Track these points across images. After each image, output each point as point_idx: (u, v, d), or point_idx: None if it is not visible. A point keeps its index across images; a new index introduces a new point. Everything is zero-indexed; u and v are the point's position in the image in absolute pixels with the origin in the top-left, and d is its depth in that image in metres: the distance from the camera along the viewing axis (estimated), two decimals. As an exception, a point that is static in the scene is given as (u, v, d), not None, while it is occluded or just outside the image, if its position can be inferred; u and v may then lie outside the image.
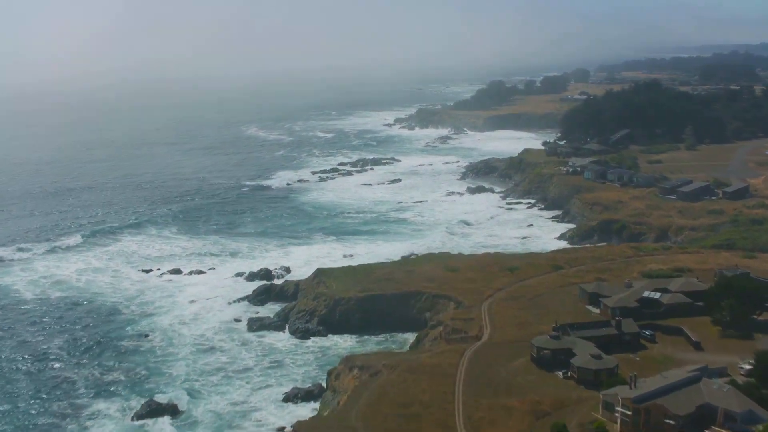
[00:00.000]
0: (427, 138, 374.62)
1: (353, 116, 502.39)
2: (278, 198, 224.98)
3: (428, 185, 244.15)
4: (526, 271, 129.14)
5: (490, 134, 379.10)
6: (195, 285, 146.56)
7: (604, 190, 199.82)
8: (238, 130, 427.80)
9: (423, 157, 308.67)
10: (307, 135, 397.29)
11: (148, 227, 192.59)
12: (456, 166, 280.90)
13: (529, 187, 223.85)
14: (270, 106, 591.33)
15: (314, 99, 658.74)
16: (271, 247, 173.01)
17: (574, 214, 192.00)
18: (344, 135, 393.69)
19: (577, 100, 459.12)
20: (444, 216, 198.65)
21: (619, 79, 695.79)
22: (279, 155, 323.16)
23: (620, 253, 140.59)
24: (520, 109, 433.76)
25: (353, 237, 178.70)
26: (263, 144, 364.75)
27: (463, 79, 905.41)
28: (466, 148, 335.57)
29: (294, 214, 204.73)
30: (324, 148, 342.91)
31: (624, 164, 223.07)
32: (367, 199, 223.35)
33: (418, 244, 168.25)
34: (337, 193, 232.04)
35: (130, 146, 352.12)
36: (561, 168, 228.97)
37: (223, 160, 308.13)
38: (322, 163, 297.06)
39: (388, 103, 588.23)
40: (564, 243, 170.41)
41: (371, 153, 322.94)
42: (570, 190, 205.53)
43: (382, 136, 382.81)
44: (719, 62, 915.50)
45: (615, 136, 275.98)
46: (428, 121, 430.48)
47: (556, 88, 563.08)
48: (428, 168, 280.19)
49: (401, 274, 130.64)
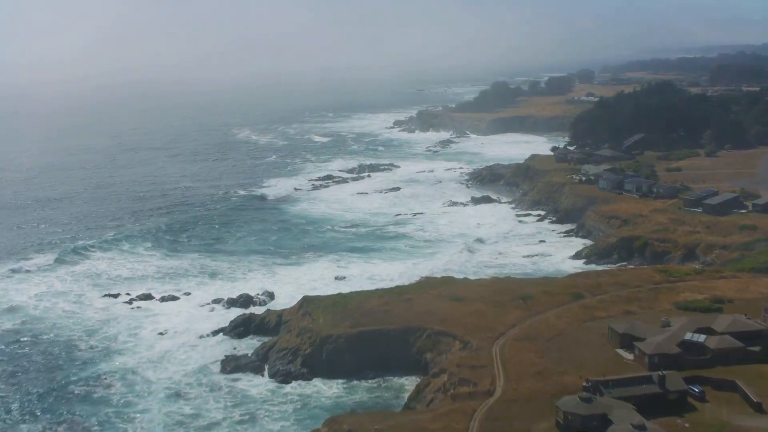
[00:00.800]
0: (428, 142, 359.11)
1: (351, 119, 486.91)
2: (266, 209, 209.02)
3: (429, 194, 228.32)
4: (542, 301, 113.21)
5: (494, 138, 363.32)
6: (166, 314, 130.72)
7: (621, 201, 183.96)
8: (229, 134, 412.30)
9: (423, 163, 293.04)
10: (302, 139, 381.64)
11: (122, 243, 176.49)
12: (458, 173, 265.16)
13: (538, 198, 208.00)
14: (265, 108, 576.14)
15: (311, 100, 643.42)
16: (254, 267, 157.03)
17: (589, 229, 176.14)
18: (341, 139, 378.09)
19: (585, 102, 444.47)
20: (448, 230, 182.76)
21: (624, 80, 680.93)
22: (271, 161, 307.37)
23: (647, 278, 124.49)
24: (525, 111, 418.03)
25: (346, 255, 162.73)
26: (255, 148, 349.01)
27: (464, 80, 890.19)
28: (469, 152, 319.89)
29: (282, 228, 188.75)
30: (319, 153, 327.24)
31: (641, 172, 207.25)
32: (362, 210, 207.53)
33: (420, 265, 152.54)
34: (331, 204, 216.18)
35: (115, 152, 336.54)
36: (573, 176, 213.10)
37: (210, 166, 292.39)
38: (317, 169, 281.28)
39: (387, 105, 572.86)
40: (580, 263, 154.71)
41: (369, 158, 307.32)
42: (584, 202, 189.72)
43: (380, 140, 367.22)
44: (726, 63, 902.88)
45: (628, 141, 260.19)
46: (429, 123, 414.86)
47: (561, 89, 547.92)
48: (429, 175, 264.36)
49: (398, 304, 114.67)
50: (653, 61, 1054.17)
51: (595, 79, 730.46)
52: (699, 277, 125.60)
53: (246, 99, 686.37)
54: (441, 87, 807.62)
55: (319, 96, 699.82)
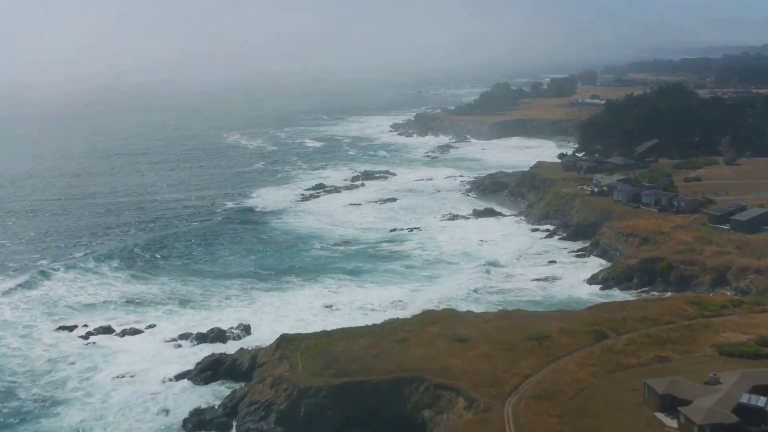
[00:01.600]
0: (426, 147, 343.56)
1: (346, 122, 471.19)
2: (249, 224, 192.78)
3: (427, 206, 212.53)
4: (559, 341, 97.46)
5: (495, 142, 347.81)
6: (126, 352, 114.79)
7: (639, 216, 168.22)
8: (218, 138, 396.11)
9: (421, 170, 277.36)
10: (294, 143, 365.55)
11: (88, 262, 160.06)
12: (459, 182, 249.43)
13: (546, 211, 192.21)
14: (258, 111, 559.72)
15: (306, 102, 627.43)
16: (232, 292, 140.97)
17: (604, 247, 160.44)
18: (335, 143, 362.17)
19: (590, 105, 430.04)
20: (449, 248, 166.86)
21: (628, 82, 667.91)
22: (259, 168, 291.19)
23: (678, 312, 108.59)
24: (528, 114, 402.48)
25: (335, 279, 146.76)
26: (243, 154, 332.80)
27: (464, 81, 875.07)
28: (470, 158, 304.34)
29: (265, 246, 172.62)
30: (311, 159, 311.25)
31: (658, 183, 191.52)
32: (355, 224, 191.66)
33: (418, 292, 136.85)
34: (321, 217, 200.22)
35: (93, 158, 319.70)
36: (584, 187, 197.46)
37: (194, 174, 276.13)
38: (308, 177, 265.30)
39: (384, 108, 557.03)
40: (596, 288, 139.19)
41: (363, 164, 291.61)
42: (597, 216, 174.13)
43: (376, 145, 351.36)
44: (729, 63, 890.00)
45: (641, 148, 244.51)
46: (427, 127, 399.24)
47: (564, 91, 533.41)
48: (427, 184, 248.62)
49: (392, 345, 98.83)
50: (655, 62, 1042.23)
51: (597, 81, 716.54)
52: (738, 310, 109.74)
53: (239, 101, 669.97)
54: (440, 88, 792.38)
55: (315, 97, 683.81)
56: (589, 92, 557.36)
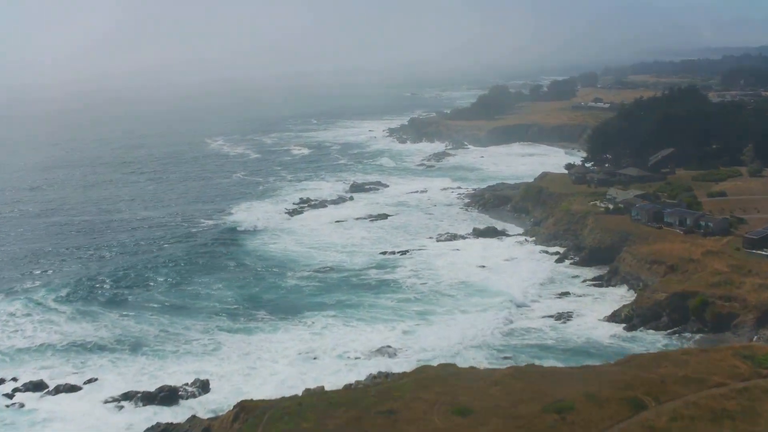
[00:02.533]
0: (421, 154, 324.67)
1: (337, 126, 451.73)
2: (222, 246, 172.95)
3: (422, 224, 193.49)
4: (586, 413, 78.34)
5: (494, 150, 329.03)
6: (56, 417, 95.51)
7: (662, 238, 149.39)
8: (200, 144, 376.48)
9: (415, 181, 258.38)
10: (279, 151, 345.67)
11: (31, 293, 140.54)
12: (456, 195, 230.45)
13: (555, 230, 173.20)
14: (245, 115, 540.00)
15: (295, 106, 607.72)
16: (193, 335, 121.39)
17: (625, 276, 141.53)
18: (323, 150, 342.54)
19: (593, 109, 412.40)
20: (447, 276, 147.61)
21: (630, 84, 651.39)
22: (239, 179, 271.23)
23: (728, 369, 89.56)
24: (528, 118, 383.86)
25: (314, 316, 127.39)
26: (224, 162, 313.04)
27: (460, 83, 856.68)
28: (467, 167, 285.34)
29: (238, 274, 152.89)
30: (296, 168, 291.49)
31: (680, 199, 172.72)
32: (340, 247, 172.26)
33: (410, 335, 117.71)
34: (302, 238, 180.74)
35: (63, 168, 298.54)
36: (597, 203, 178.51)
37: (168, 187, 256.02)
38: (290, 189, 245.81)
39: (377, 111, 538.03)
40: (620, 329, 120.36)
41: (352, 174, 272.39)
42: (615, 238, 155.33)
43: (367, 153, 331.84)
44: (732, 65, 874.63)
45: (655, 158, 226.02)
46: (422, 133, 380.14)
47: (565, 94, 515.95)
48: (422, 197, 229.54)
49: (376, 420, 79.44)
50: (656, 64, 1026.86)
51: (598, 83, 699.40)
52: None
53: (227, 104, 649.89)
54: (435, 91, 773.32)
55: (305, 101, 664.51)
56: (591, 95, 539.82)
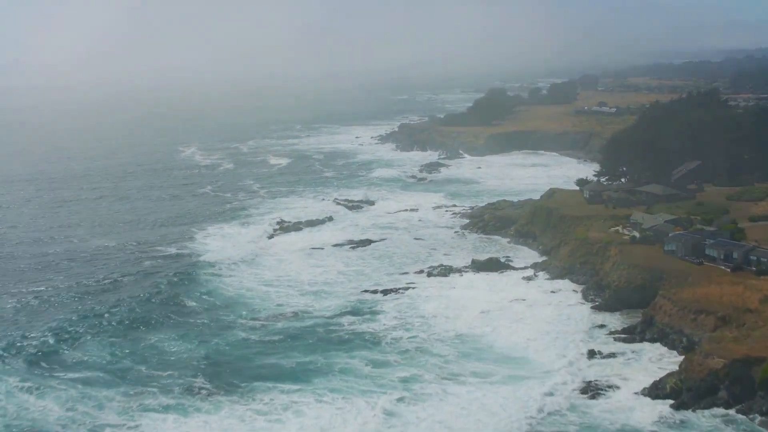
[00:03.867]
0: (412, 164, 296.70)
1: (321, 133, 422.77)
2: (169, 284, 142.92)
3: (411, 253, 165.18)
4: None
5: (493, 159, 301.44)
6: None
7: (706, 278, 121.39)
8: (171, 153, 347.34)
9: (404, 197, 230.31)
10: (255, 161, 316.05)
11: None
12: (450, 215, 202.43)
13: (570, 263, 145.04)
14: (226, 120, 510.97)
15: (280, 110, 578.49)
16: (104, 418, 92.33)
17: (663, 329, 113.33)
18: (304, 161, 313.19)
19: (597, 113, 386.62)
20: (440, 326, 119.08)
21: (632, 87, 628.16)
22: (206, 194, 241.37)
23: None
24: (529, 124, 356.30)
25: (264, 392, 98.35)
26: (193, 174, 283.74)
27: (454, 86, 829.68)
28: (463, 180, 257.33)
29: (177, 325, 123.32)
30: (271, 182, 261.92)
31: (718, 225, 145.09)
32: (309, 284, 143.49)
33: (391, 419, 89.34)
34: (266, 272, 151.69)
35: (14, 188, 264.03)
36: (619, 230, 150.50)
37: (125, 206, 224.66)
38: (263, 208, 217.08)
39: (366, 116, 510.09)
40: (664, 407, 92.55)
41: (335, 189, 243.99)
42: (646, 276, 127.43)
43: (352, 163, 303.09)
44: (733, 67, 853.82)
45: (679, 172, 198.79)
46: (413, 140, 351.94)
47: (565, 97, 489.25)
48: (411, 217, 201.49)
49: None
50: (656, 66, 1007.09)
51: (599, 85, 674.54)
52: None
53: (209, 109, 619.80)
54: (428, 93, 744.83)
55: (292, 105, 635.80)
56: (593, 98, 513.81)
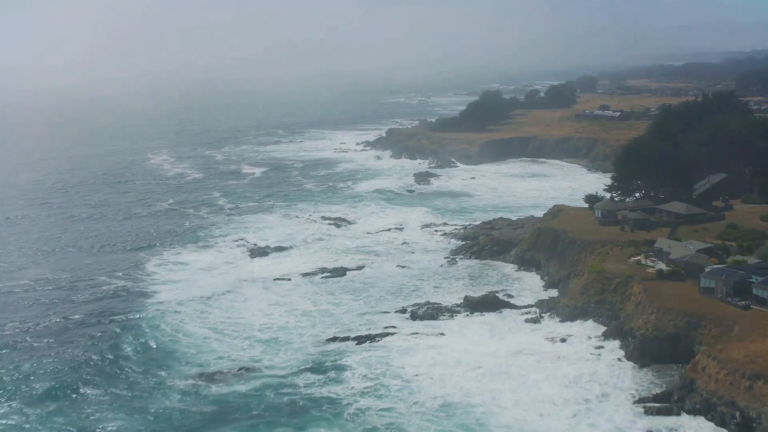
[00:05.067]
0: (399, 173, 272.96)
1: (304, 138, 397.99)
2: (98, 334, 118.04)
3: (393, 284, 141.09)
4: None
5: (488, 169, 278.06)
6: None
7: (758, 328, 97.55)
8: (140, 160, 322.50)
9: (389, 212, 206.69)
10: (227, 170, 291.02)
11: None
12: (440, 235, 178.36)
13: (583, 302, 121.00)
14: (205, 125, 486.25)
15: (263, 114, 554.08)
16: None
17: (707, 398, 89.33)
18: (281, 171, 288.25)
19: (600, 118, 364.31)
20: (422, 389, 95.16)
21: (633, 90, 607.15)
22: (164, 209, 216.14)
23: None
24: (527, 130, 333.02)
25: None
26: (156, 186, 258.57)
27: (447, 88, 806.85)
28: (455, 193, 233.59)
29: (109, 387, 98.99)
30: (240, 196, 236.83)
31: (762, 255, 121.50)
32: (264, 330, 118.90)
33: None
34: (216, 313, 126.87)
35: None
36: (641, 260, 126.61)
37: (72, 226, 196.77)
38: (227, 227, 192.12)
39: (354, 120, 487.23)
40: None
41: (312, 204, 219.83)
42: (680, 323, 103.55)
43: (334, 174, 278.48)
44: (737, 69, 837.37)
45: (702, 186, 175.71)
46: (402, 147, 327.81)
47: (564, 100, 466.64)
48: (396, 238, 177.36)
49: None
50: (655, 67, 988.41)
51: (598, 87, 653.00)
52: None
53: (190, 113, 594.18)
54: (419, 96, 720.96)
55: (276, 109, 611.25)
56: (593, 101, 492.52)
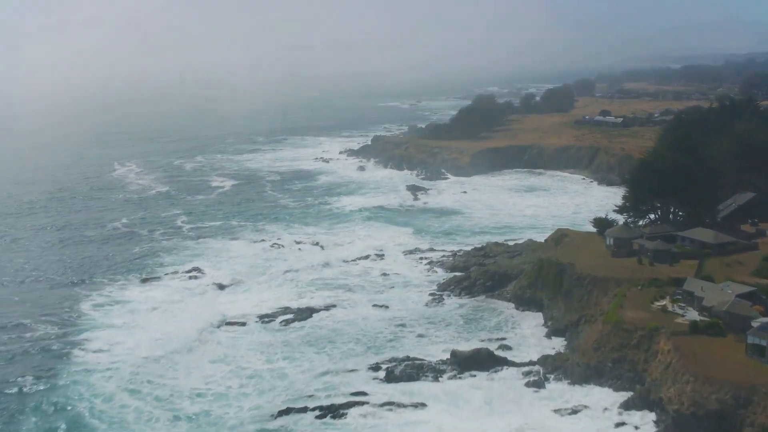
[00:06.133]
0: (384, 187, 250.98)
1: (285, 146, 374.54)
2: (11, 393, 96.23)
3: (366, 331, 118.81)
4: None
5: (481, 181, 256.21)
6: None
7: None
8: (104, 171, 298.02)
9: (369, 232, 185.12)
10: (194, 183, 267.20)
11: None
12: (425, 265, 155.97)
13: (597, 360, 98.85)
14: (183, 129, 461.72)
15: (250, 117, 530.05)
16: None
17: None
18: (253, 183, 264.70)
19: (602, 124, 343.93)
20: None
21: (632, 93, 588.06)
22: (116, 231, 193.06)
23: None
24: (524, 138, 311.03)
25: None
26: (113, 201, 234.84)
27: (438, 92, 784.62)
28: (445, 210, 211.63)
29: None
30: (204, 214, 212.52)
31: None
32: (194, 400, 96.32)
33: None
34: (141, 372, 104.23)
35: None
36: (669, 306, 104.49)
37: (7, 256, 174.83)
38: (183, 254, 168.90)
39: (340, 125, 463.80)
40: None
41: (282, 225, 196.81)
42: (724, 398, 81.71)
43: (312, 187, 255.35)
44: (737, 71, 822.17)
45: (726, 207, 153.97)
46: (388, 156, 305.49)
47: (562, 105, 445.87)
48: (373, 268, 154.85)
49: None
50: (653, 70, 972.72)
51: (596, 91, 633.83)
52: None
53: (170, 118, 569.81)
54: (409, 100, 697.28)
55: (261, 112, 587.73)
56: (591, 105, 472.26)
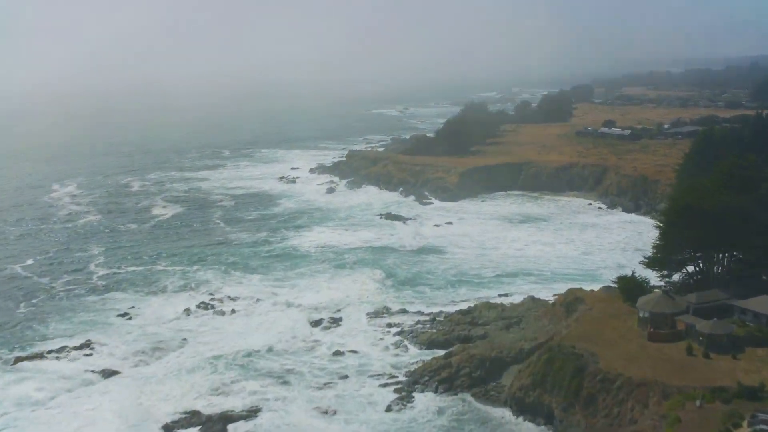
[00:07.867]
0: (355, 216, 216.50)
1: (250, 160, 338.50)
2: None
3: None
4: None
5: (469, 207, 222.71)
6: None
7: None
8: (39, 193, 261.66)
9: (327, 285, 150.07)
10: (134, 208, 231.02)
11: None
12: (392, 336, 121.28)
13: None
14: (144, 141, 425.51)
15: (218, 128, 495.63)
16: None
17: None
18: (202, 209, 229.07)
19: (607, 136, 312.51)
20: None
21: (635, 99, 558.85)
22: (12, 280, 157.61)
23: None
24: (519, 153, 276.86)
25: None
26: (29, 233, 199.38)
27: (426, 98, 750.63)
28: (423, 250, 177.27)
29: None
30: (130, 253, 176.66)
31: None
32: None
33: None
34: None
35: None
36: (744, 446, 70.49)
37: None
38: (80, 314, 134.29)
39: (318, 136, 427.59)
40: None
41: (218, 273, 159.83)
42: None
43: (270, 216, 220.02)
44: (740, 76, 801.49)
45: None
46: (363, 174, 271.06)
47: (560, 114, 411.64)
48: (322, 343, 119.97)
49: None
50: (652, 75, 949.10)
51: (594, 97, 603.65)
52: None
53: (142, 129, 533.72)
54: (394, 107, 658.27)
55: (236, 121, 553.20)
56: (590, 113, 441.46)
